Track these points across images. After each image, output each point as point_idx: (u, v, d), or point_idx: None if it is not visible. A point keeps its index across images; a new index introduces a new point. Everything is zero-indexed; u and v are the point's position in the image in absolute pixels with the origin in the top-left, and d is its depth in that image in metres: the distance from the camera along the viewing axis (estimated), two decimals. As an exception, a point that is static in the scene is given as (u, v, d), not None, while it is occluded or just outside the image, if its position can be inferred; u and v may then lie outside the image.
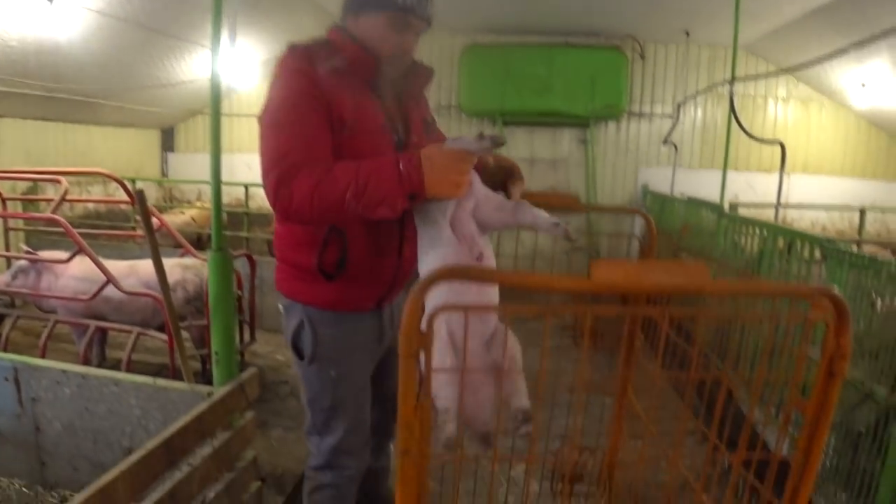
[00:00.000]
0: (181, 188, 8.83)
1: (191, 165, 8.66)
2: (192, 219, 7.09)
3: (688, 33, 7.37)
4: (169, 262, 3.92)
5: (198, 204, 8.19)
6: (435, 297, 1.50)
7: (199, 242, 6.85)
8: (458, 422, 1.38)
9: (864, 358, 2.65)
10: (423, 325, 0.94)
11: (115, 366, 3.57)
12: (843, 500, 2.67)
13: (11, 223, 5.25)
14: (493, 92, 7.32)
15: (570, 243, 7.18)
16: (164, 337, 3.63)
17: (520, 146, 7.90)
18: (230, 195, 8.11)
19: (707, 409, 2.95)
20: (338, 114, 1.70)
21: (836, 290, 1.04)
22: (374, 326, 2.02)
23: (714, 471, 1.50)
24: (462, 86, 7.58)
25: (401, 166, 1.52)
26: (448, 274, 0.94)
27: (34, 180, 5.81)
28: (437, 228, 1.58)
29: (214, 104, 2.15)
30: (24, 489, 2.81)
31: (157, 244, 2.23)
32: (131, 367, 3.56)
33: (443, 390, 1.30)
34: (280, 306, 2.00)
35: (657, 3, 6.25)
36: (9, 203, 5.09)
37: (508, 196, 1.77)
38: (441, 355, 1.34)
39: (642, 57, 7.82)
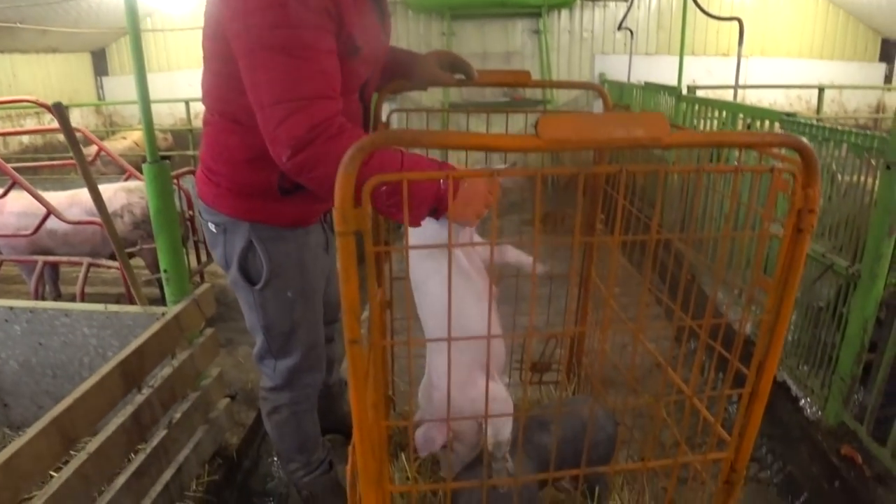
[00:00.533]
0: (121, 113, 8.40)
1: (128, 88, 8.13)
2: (136, 143, 6.78)
3: None
4: (112, 187, 3.75)
5: (138, 127, 7.82)
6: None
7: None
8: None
9: (825, 233, 2.67)
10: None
11: (71, 301, 3.46)
12: (805, 373, 2.75)
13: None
14: (439, -19, 6.97)
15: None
16: (117, 265, 3.50)
17: (471, 41, 7.59)
18: (174, 116, 7.75)
19: (670, 290, 2.97)
20: (347, 33, 1.48)
21: (803, 139, 0.98)
22: (319, 235, 1.91)
23: (680, 351, 1.49)
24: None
25: (442, 185, 1.39)
26: (383, 139, 0.85)
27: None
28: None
29: (129, 16, 1.95)
30: (-11, 432, 2.75)
31: (85, 161, 2.08)
32: (87, 299, 3.45)
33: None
34: (211, 226, 1.80)
35: None
36: (-67, 141, 4.78)
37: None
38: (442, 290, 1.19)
39: (594, -62, 7.50)
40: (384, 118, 1.95)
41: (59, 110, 1.94)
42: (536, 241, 1.01)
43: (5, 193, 3.46)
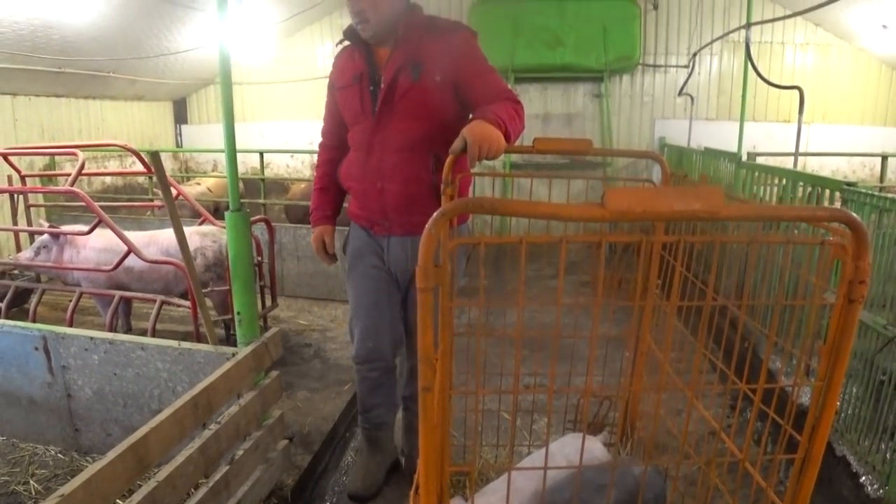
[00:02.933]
0: (196, 159, 8.86)
1: (205, 136, 8.66)
2: (209, 189, 7.13)
3: (702, -21, 7.20)
4: (187, 231, 3.96)
5: (213, 174, 8.22)
6: None
7: (217, 212, 6.89)
8: None
9: (887, 304, 2.63)
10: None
11: (141, 335, 3.64)
12: (866, 448, 2.67)
13: (31, 199, 5.30)
14: (504, 47, 7.20)
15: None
16: (188, 304, 3.68)
17: (533, 102, 7.79)
18: (246, 165, 8.12)
19: (725, 353, 2.94)
20: (331, 81, 2.42)
21: (853, 213, 1.03)
22: (372, 243, 2.42)
23: (734, 419, 1.51)
24: (471, 40, 7.47)
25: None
26: (464, 206, 0.94)
27: (51, 155, 5.86)
28: None
29: (224, 69, 2.15)
30: (59, 455, 2.90)
31: (174, 205, 2.25)
32: (156, 336, 3.63)
33: None
34: None
35: (670, -50, 6.08)
36: (27, 180, 5.16)
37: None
38: None
39: (655, 7, 7.63)
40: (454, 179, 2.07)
41: (156, 159, 2.12)
42: (598, 303, 1.07)
43: (91, 230, 3.71)
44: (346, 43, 2.36)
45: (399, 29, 2.18)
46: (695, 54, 7.30)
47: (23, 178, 5.03)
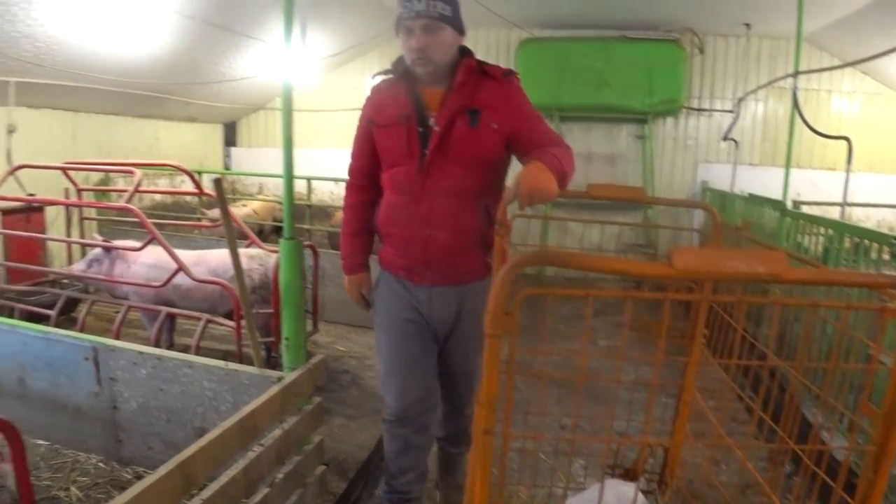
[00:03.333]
0: (243, 181, 9.09)
1: (252, 159, 8.91)
2: (254, 211, 7.30)
3: (749, 25, 7.19)
4: (233, 253, 4.08)
5: (259, 197, 8.41)
6: None
7: (260, 234, 7.05)
8: None
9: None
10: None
11: (184, 351, 3.73)
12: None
13: (85, 212, 5.51)
14: (550, 87, 7.28)
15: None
16: (232, 324, 3.76)
17: (576, 142, 7.83)
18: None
19: (764, 405, 2.90)
20: (369, 117, 2.27)
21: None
22: (407, 295, 2.26)
23: (779, 473, 1.50)
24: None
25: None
26: (536, 259, 0.98)
27: (110, 171, 6.07)
28: None
29: (286, 99, 2.24)
30: (100, 464, 2.98)
31: (233, 231, 2.33)
32: (199, 352, 3.71)
33: None
34: None
35: (717, -5, 6.12)
36: (82, 193, 5.36)
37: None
38: None
39: (701, 51, 7.66)
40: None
41: (219, 186, 2.20)
42: (659, 358, 1.09)
43: (143, 247, 3.84)
44: (385, 76, 2.27)
45: (458, 72, 2.11)
46: (740, 100, 7.29)
47: (79, 191, 5.24)
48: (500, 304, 0.94)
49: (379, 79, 2.30)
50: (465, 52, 2.18)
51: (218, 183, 2.20)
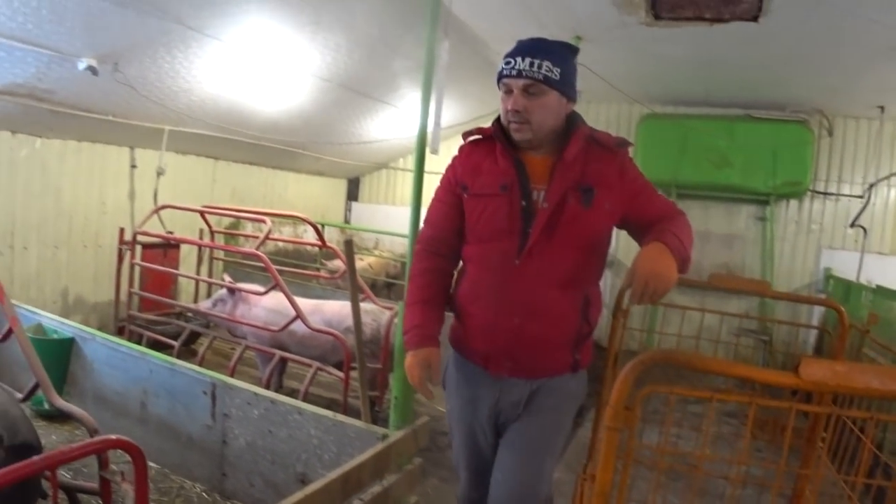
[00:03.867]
0: (361, 235, 9.49)
1: (371, 214, 9.31)
2: (370, 265, 7.57)
3: (883, 108, 6.82)
4: (347, 306, 4.25)
5: (375, 252, 8.73)
6: None
7: (373, 288, 7.27)
8: None
9: None
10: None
11: (292, 394, 3.88)
12: None
13: (215, 252, 5.94)
14: (669, 163, 7.18)
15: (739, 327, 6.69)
16: (340, 374, 3.89)
17: (694, 220, 7.48)
18: (405, 245, 8.53)
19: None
20: (461, 182, 1.99)
21: None
22: (485, 384, 1.98)
23: None
24: (637, 155, 7.48)
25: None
26: (662, 358, 0.99)
27: (245, 218, 6.53)
28: None
29: (419, 162, 2.37)
30: (204, 494, 3.13)
31: (357, 289, 2.45)
32: (306, 398, 3.85)
33: None
34: None
35: (850, 77, 5.85)
36: (214, 235, 5.80)
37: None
38: None
39: (830, 133, 7.33)
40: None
41: (349, 247, 2.34)
42: (780, 470, 1.06)
43: (267, 292, 4.09)
44: (477, 136, 2.03)
45: (571, 143, 1.88)
46: (872, 185, 6.88)
47: (212, 233, 5.68)
48: (622, 398, 0.96)
49: (469, 139, 2.06)
50: (575, 119, 1.94)
51: (349, 244, 2.34)
